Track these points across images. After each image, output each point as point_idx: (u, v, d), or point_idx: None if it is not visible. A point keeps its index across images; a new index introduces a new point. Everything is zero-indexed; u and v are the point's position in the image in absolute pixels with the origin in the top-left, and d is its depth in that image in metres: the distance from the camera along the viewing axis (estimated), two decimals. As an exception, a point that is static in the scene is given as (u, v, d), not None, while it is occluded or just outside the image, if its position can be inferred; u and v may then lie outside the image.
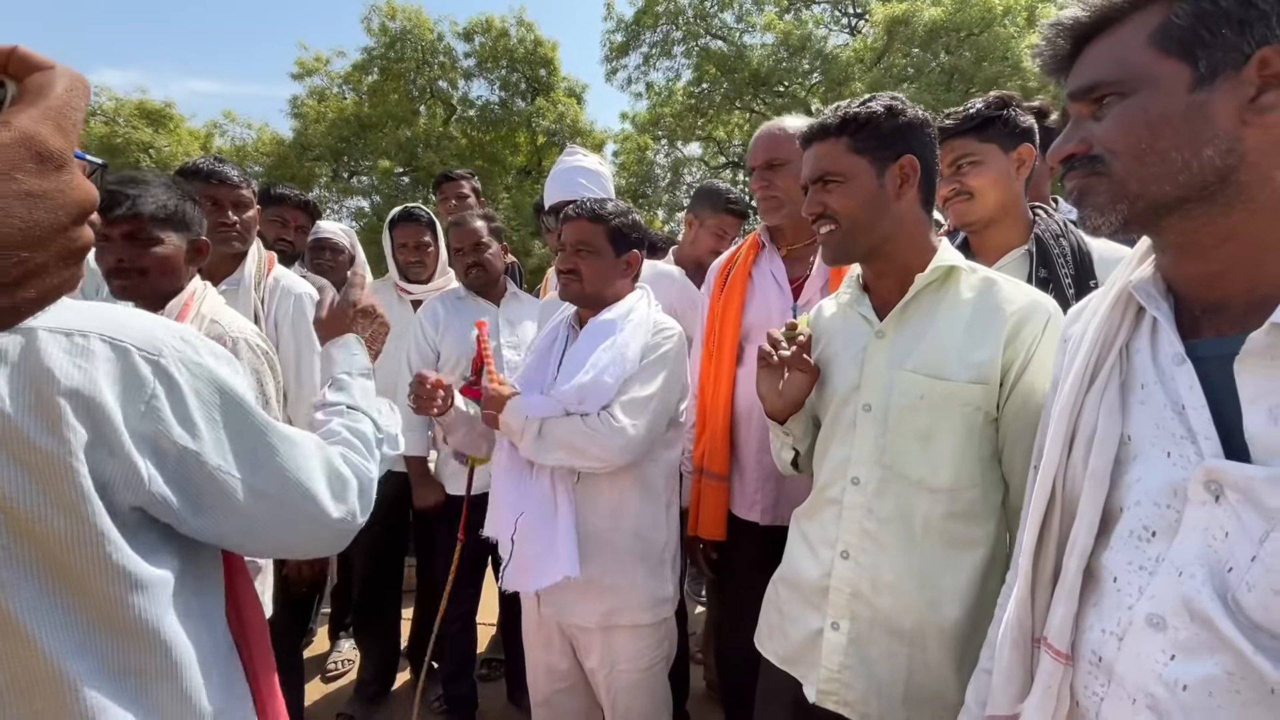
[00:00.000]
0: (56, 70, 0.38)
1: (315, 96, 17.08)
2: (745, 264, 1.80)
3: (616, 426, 1.45)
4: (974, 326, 1.04)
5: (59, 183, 0.35)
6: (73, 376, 0.58)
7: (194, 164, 1.94)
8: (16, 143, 0.34)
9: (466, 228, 2.18)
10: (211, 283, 1.70)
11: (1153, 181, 0.64)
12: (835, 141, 1.11)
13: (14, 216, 0.33)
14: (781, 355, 1.17)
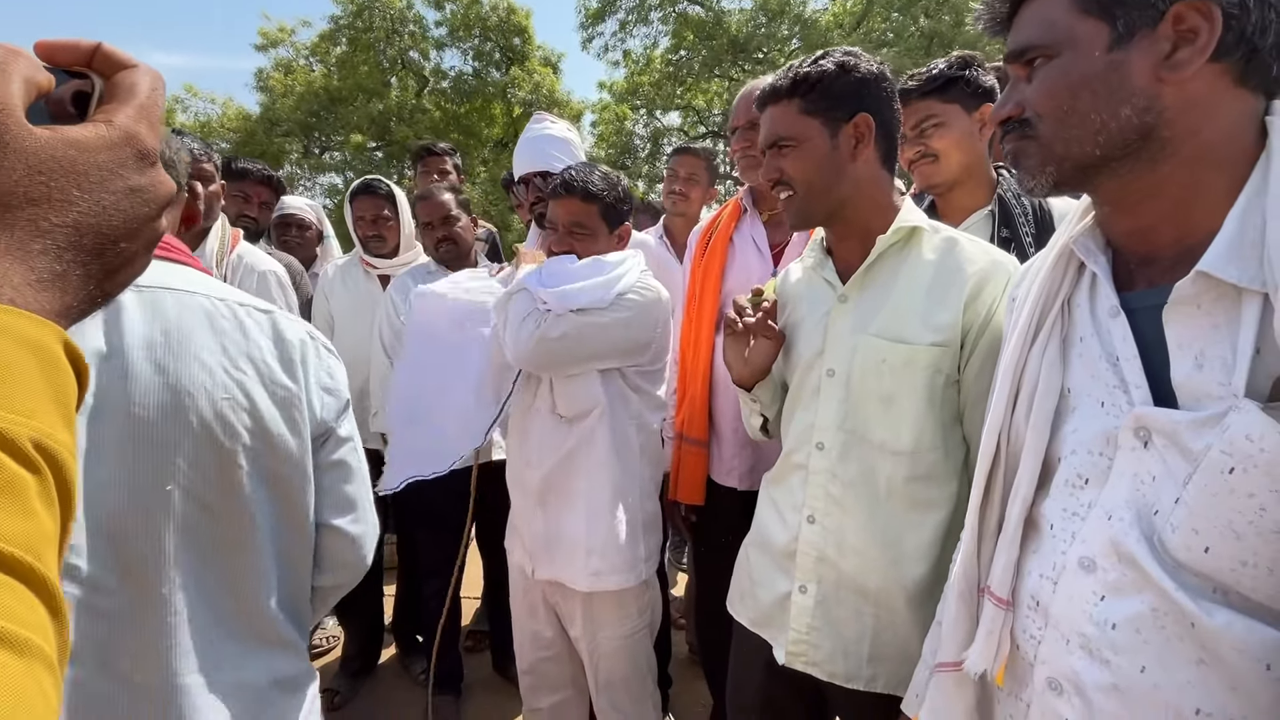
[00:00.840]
0: (140, 68, 0.40)
1: (281, 69, 16.51)
2: (726, 230, 1.79)
3: (537, 330, 1.46)
4: (935, 288, 1.04)
5: (153, 178, 0.38)
6: (298, 340, 0.88)
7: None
8: (122, 141, 0.36)
9: (434, 200, 2.14)
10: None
11: (1075, 143, 0.65)
12: (787, 104, 1.09)
13: (121, 210, 0.35)
14: (746, 322, 1.17)
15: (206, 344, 0.79)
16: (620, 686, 1.64)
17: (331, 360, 0.94)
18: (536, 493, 1.59)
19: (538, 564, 1.61)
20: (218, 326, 0.81)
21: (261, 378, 0.82)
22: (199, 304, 0.81)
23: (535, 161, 1.97)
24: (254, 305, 0.86)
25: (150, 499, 0.73)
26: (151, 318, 0.77)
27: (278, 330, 0.86)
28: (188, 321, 0.79)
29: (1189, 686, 0.57)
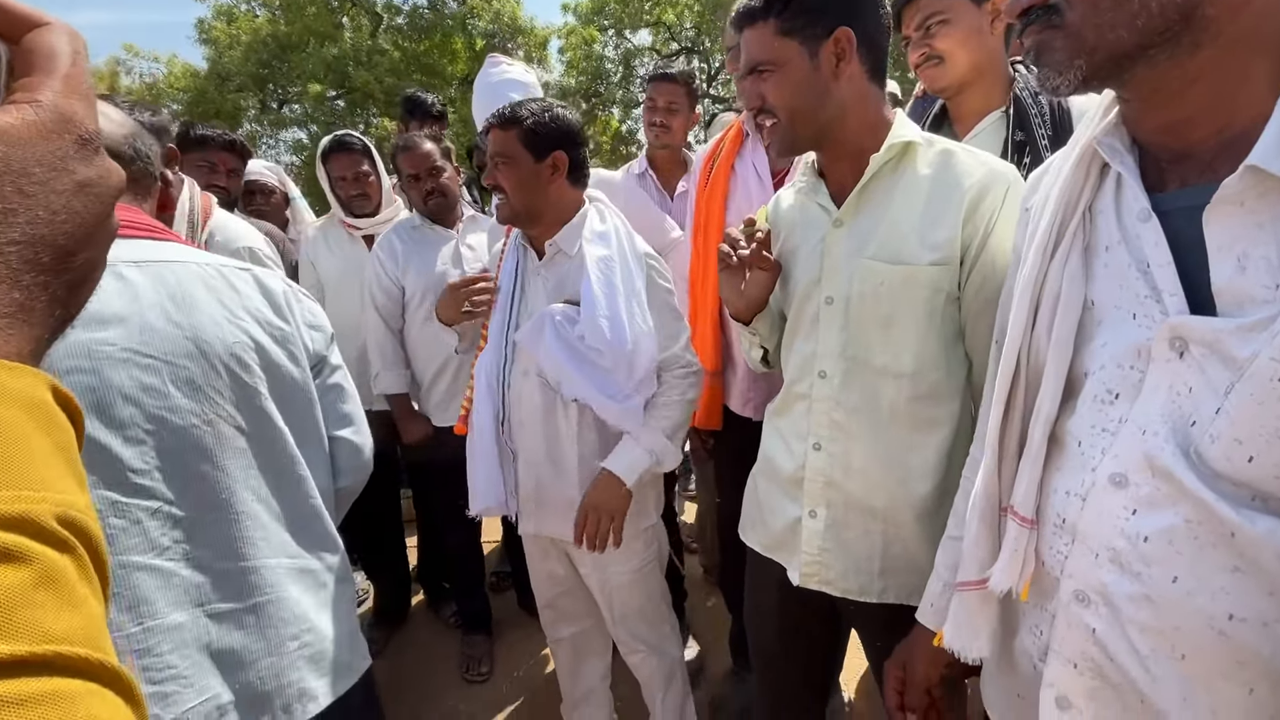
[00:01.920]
0: (54, 25, 0.32)
1: (223, 17, 15.50)
2: (729, 157, 1.74)
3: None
4: (932, 204, 1.02)
5: (101, 168, 0.31)
6: (280, 289, 1.02)
7: None
8: (58, 125, 0.29)
9: (418, 152, 2.06)
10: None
11: (1109, 29, 0.59)
12: (762, 26, 1.04)
13: (73, 212, 0.29)
14: (741, 255, 1.16)
15: (208, 302, 0.93)
16: (636, 617, 1.69)
17: (309, 302, 1.11)
18: (525, 451, 1.59)
19: (526, 519, 1.63)
20: (212, 286, 0.94)
21: (260, 323, 0.97)
22: (192, 272, 0.93)
23: (495, 109, 1.89)
24: (235, 265, 1.01)
25: (198, 428, 0.88)
26: (158, 286, 0.90)
27: (262, 283, 1.01)
28: (188, 286, 0.92)
29: (1223, 593, 0.57)
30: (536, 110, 1.45)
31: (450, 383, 2.18)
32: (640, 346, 1.44)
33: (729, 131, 1.79)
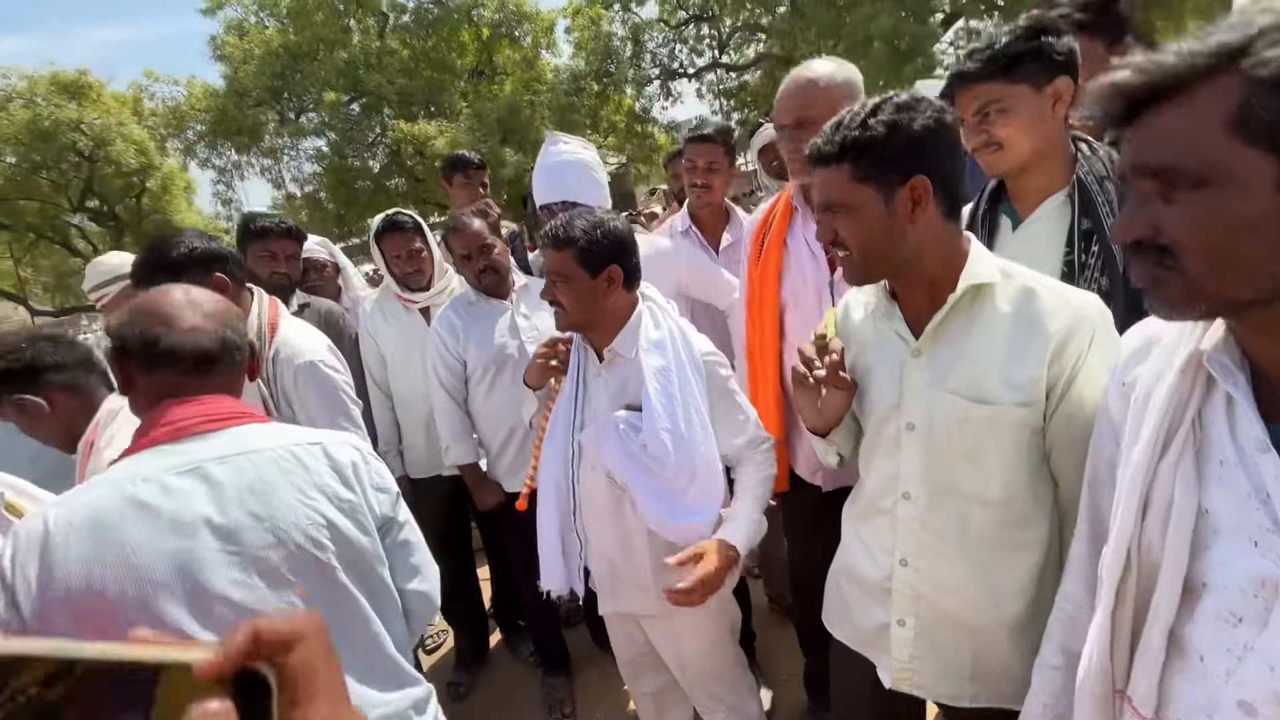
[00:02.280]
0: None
1: (234, 31, 15.61)
2: (780, 231, 1.74)
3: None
4: (1014, 343, 1.03)
5: None
6: (348, 460, 1.10)
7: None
8: None
9: (468, 232, 2.10)
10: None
11: (1233, 285, 0.60)
12: (837, 169, 1.04)
13: None
14: (818, 376, 1.18)
15: (284, 487, 1.02)
16: (713, 680, 1.74)
17: (376, 464, 1.17)
18: (596, 540, 1.66)
19: (604, 600, 1.71)
20: (286, 469, 1.03)
21: (330, 498, 1.05)
22: (268, 459, 1.03)
23: (554, 190, 1.91)
24: (306, 441, 1.08)
25: (281, 610, 0.96)
26: (239, 480, 0.99)
27: (330, 456, 1.09)
28: (265, 474, 1.01)
29: None
30: (589, 228, 1.49)
31: (518, 449, 2.26)
32: (700, 455, 1.50)
33: (778, 204, 1.78)
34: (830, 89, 1.56)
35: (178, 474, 0.97)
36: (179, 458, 0.98)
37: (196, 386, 1.06)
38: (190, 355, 1.05)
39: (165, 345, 1.04)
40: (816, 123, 1.53)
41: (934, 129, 1.01)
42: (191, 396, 1.04)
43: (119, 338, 1.06)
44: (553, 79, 17.06)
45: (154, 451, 0.99)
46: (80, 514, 0.92)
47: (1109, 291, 1.27)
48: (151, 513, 0.94)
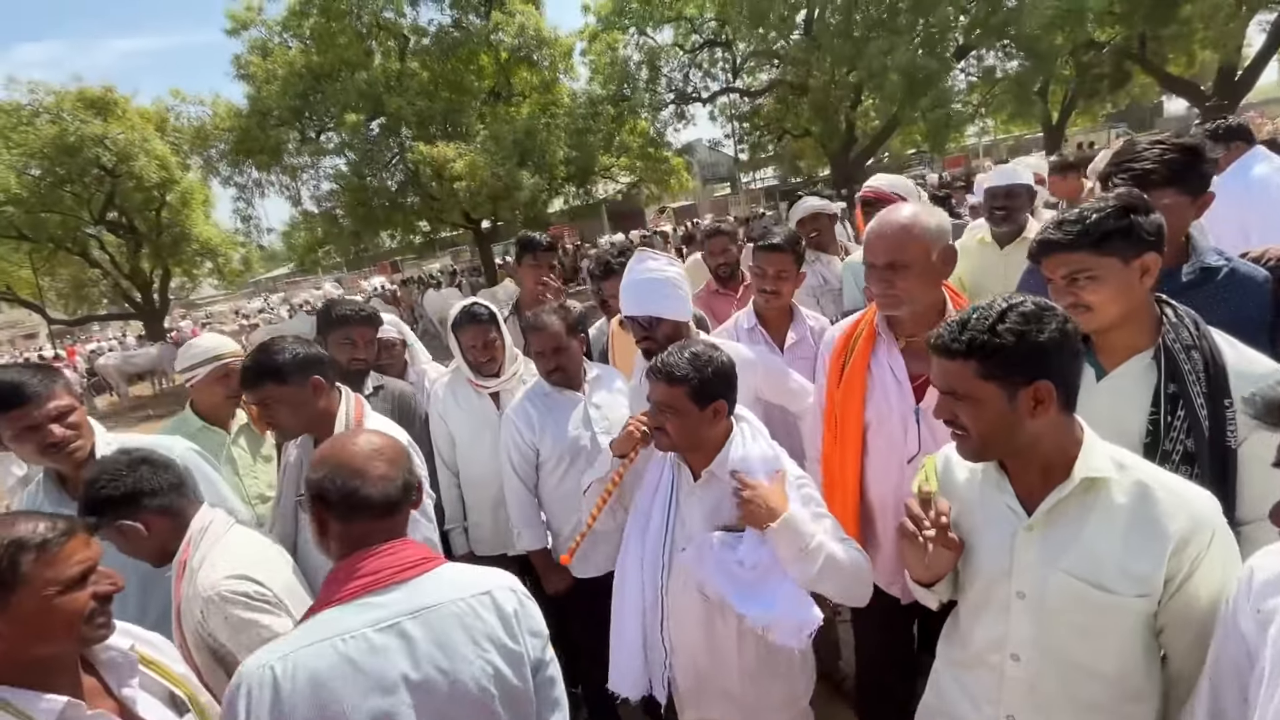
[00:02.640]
0: None
1: (257, 51, 15.87)
2: (863, 355, 1.81)
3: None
4: (1132, 536, 1.09)
5: None
6: (511, 607, 1.19)
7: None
8: None
9: (547, 332, 2.19)
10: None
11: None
12: (963, 364, 1.12)
13: None
14: (927, 535, 1.25)
15: (463, 642, 1.13)
16: None
17: (531, 606, 1.26)
18: (684, 649, 1.72)
19: (688, 708, 1.76)
20: (466, 624, 1.15)
21: (498, 648, 1.16)
22: (450, 614, 1.14)
23: (640, 305, 1.99)
24: (478, 590, 1.19)
25: None
26: (428, 635, 1.11)
27: (498, 605, 1.19)
28: (448, 629, 1.13)
29: None
30: (700, 365, 1.57)
31: (589, 538, 2.33)
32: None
33: (861, 326, 1.85)
34: (923, 235, 1.64)
35: (379, 630, 1.09)
36: (378, 612, 1.10)
37: (384, 530, 1.18)
38: (381, 504, 1.18)
39: (361, 496, 1.16)
40: (909, 265, 1.65)
41: (1059, 339, 1.08)
42: (382, 543, 1.17)
43: (319, 490, 1.17)
44: (570, 102, 17.28)
45: (357, 605, 1.11)
46: (302, 672, 1.04)
47: (1194, 453, 1.34)
48: (361, 672, 1.06)
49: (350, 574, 1.13)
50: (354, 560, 1.14)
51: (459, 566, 1.24)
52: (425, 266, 32.53)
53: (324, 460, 1.18)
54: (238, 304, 36.95)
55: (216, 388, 2.49)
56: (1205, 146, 1.74)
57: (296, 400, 1.87)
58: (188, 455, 1.99)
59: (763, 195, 33.07)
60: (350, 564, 1.14)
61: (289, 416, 1.91)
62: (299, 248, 16.36)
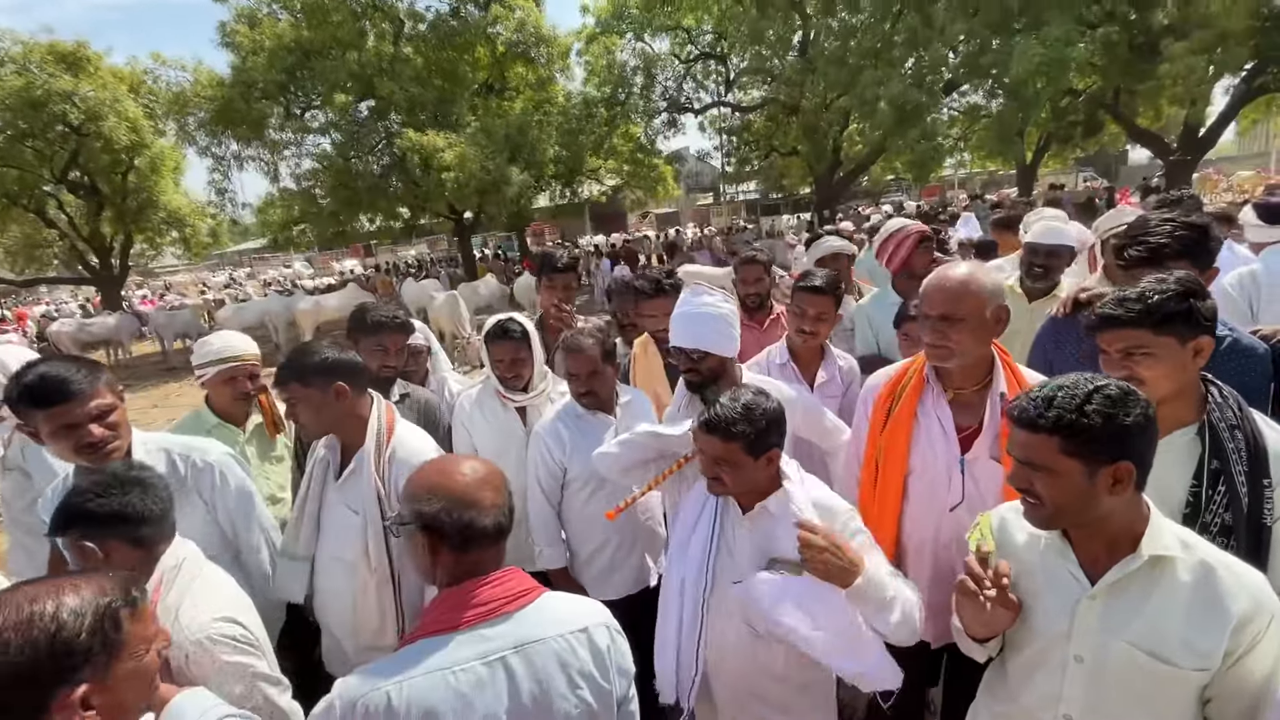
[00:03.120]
0: None
1: (245, 20, 15.37)
2: (911, 401, 1.84)
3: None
4: (1194, 613, 1.15)
5: None
6: (605, 645, 1.23)
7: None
8: None
9: (582, 356, 2.19)
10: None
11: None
12: (1047, 438, 1.15)
13: None
14: (988, 595, 1.30)
15: (559, 679, 1.17)
16: None
17: (622, 643, 1.28)
18: (725, 675, 1.76)
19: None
20: (564, 661, 1.18)
21: (590, 686, 1.19)
22: (550, 650, 1.17)
23: (691, 338, 2.01)
24: (576, 628, 1.21)
25: None
26: (528, 671, 1.14)
27: (594, 642, 1.22)
28: (549, 667, 1.16)
29: None
30: (754, 419, 1.60)
31: (608, 561, 2.34)
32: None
33: (909, 374, 1.90)
34: (980, 291, 1.70)
35: (486, 664, 1.12)
36: (488, 644, 1.14)
37: (492, 557, 1.22)
38: (494, 532, 1.20)
39: (479, 528, 1.17)
40: (964, 320, 1.70)
41: (1142, 424, 1.14)
42: (491, 573, 1.19)
43: (434, 523, 1.17)
44: (564, 102, 17.21)
45: (468, 635, 1.14)
46: (417, 701, 1.07)
47: (1231, 527, 1.43)
48: (469, 706, 1.10)
49: (464, 603, 1.15)
50: (468, 589, 1.16)
51: (559, 597, 1.26)
52: (400, 253, 31.97)
53: (434, 491, 1.18)
54: (200, 275, 35.67)
55: (224, 388, 2.43)
56: (1213, 226, 1.86)
57: (317, 402, 1.86)
58: (225, 462, 1.94)
59: (744, 208, 33.49)
60: (464, 593, 1.16)
61: (309, 417, 1.91)
62: (273, 224, 15.86)
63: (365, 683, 1.09)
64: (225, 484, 1.93)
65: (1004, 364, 1.82)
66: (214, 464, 1.91)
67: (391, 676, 1.09)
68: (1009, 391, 1.76)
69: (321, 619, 2.11)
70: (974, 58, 14.01)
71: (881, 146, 15.75)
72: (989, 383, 1.79)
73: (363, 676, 1.11)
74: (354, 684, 1.09)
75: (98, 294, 19.52)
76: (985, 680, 1.51)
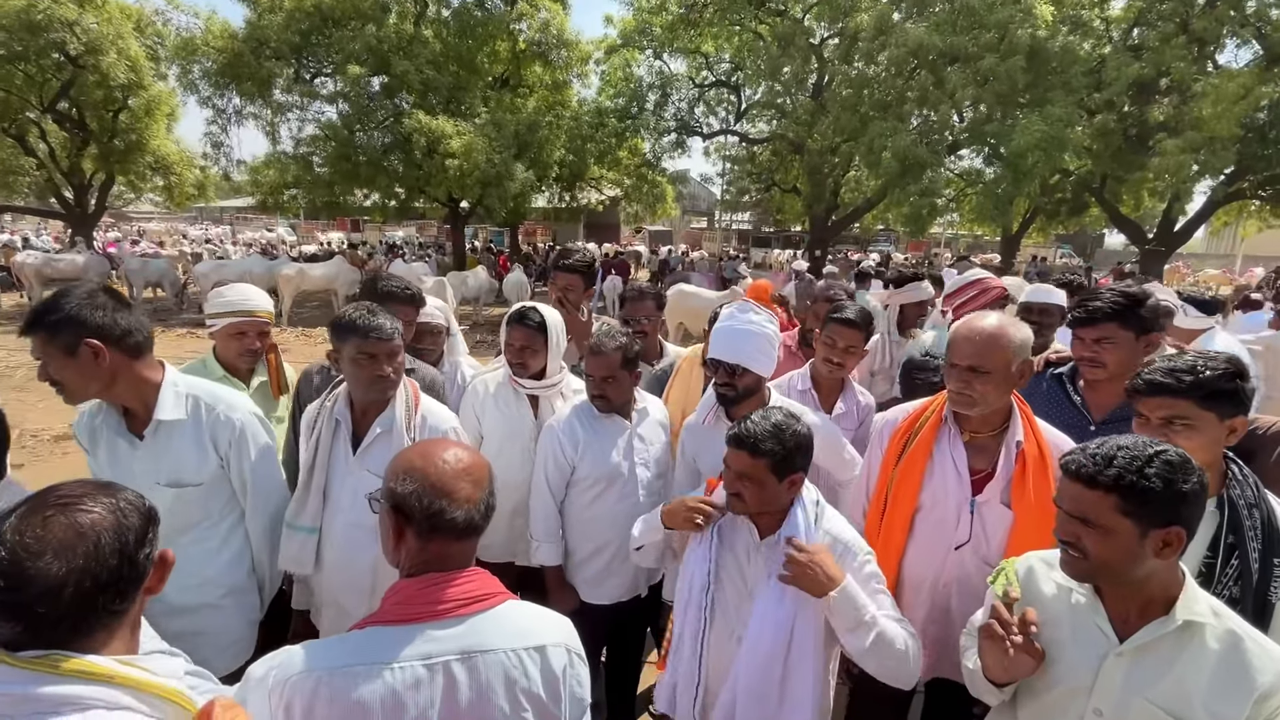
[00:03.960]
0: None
1: (266, -23, 15.13)
2: (927, 441, 1.87)
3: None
4: (1218, 680, 1.18)
5: None
6: (560, 668, 1.17)
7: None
8: None
9: (602, 359, 2.18)
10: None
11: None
12: (1103, 496, 1.18)
13: None
14: (1015, 642, 1.32)
15: (501, 696, 1.11)
16: None
17: (581, 669, 1.23)
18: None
19: None
20: (509, 676, 1.12)
21: (535, 709, 1.14)
22: (497, 663, 1.11)
23: (730, 352, 2.01)
24: (531, 645, 1.15)
25: None
26: (470, 681, 1.09)
27: (547, 663, 1.16)
28: (491, 680, 1.10)
29: None
30: (784, 439, 1.62)
31: (605, 565, 2.31)
32: None
33: (928, 412, 1.92)
34: (1008, 345, 1.74)
35: (427, 666, 1.07)
36: (433, 645, 1.08)
37: (458, 553, 1.16)
38: (463, 527, 1.13)
39: (446, 519, 1.11)
40: (990, 372, 1.75)
41: (1197, 491, 1.17)
42: (456, 570, 1.14)
43: (401, 504, 1.12)
44: (577, 108, 17.26)
45: (416, 632, 1.08)
46: (349, 693, 1.03)
47: (1239, 599, 1.48)
48: (401, 704, 1.05)
49: (418, 597, 1.11)
50: (426, 583, 1.12)
51: (522, 609, 1.20)
52: (387, 233, 31.51)
53: (411, 472, 1.13)
54: (177, 226, 34.60)
55: (232, 342, 2.36)
56: (1146, 295, 2.09)
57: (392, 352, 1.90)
58: (249, 421, 1.87)
59: (735, 236, 33.92)
60: (421, 586, 1.12)
61: (369, 377, 1.91)
62: (266, 185, 15.49)
63: (303, 662, 1.05)
64: (243, 444, 1.86)
65: (1022, 414, 1.86)
66: (237, 422, 1.84)
67: (330, 662, 1.05)
68: (1025, 441, 1.80)
69: (326, 593, 2.04)
70: (979, 124, 14.49)
71: (881, 195, 16.12)
72: (1006, 429, 1.84)
73: (306, 654, 1.07)
74: (294, 661, 1.05)
75: (67, 230, 18.79)
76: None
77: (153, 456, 1.74)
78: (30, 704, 0.85)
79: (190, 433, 1.77)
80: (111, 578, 0.91)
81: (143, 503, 1.00)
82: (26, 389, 2.47)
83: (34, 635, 0.87)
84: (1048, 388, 2.27)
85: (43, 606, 0.86)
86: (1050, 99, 13.13)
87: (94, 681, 0.88)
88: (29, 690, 0.85)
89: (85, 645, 0.91)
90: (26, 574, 0.85)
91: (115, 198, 20.74)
